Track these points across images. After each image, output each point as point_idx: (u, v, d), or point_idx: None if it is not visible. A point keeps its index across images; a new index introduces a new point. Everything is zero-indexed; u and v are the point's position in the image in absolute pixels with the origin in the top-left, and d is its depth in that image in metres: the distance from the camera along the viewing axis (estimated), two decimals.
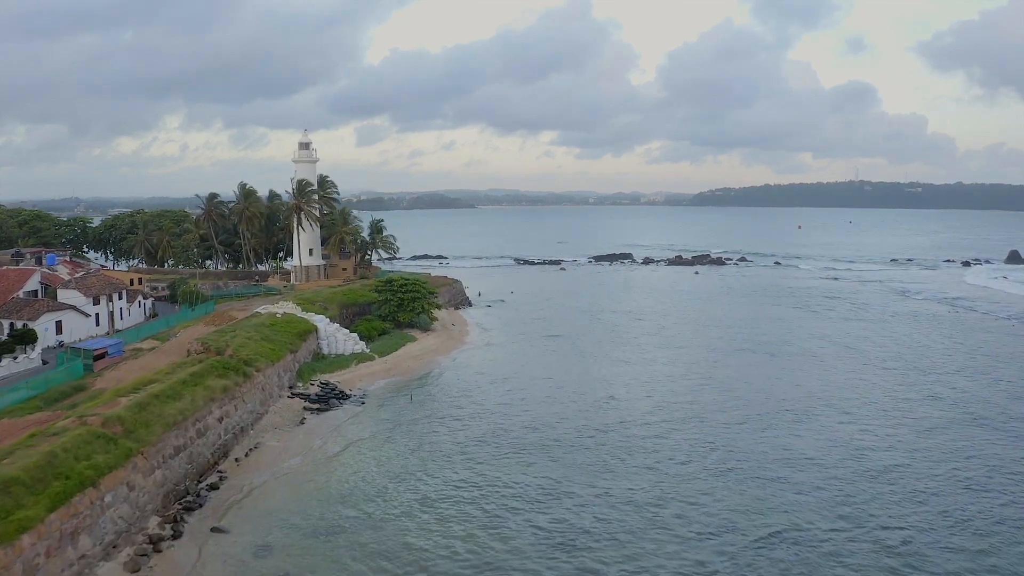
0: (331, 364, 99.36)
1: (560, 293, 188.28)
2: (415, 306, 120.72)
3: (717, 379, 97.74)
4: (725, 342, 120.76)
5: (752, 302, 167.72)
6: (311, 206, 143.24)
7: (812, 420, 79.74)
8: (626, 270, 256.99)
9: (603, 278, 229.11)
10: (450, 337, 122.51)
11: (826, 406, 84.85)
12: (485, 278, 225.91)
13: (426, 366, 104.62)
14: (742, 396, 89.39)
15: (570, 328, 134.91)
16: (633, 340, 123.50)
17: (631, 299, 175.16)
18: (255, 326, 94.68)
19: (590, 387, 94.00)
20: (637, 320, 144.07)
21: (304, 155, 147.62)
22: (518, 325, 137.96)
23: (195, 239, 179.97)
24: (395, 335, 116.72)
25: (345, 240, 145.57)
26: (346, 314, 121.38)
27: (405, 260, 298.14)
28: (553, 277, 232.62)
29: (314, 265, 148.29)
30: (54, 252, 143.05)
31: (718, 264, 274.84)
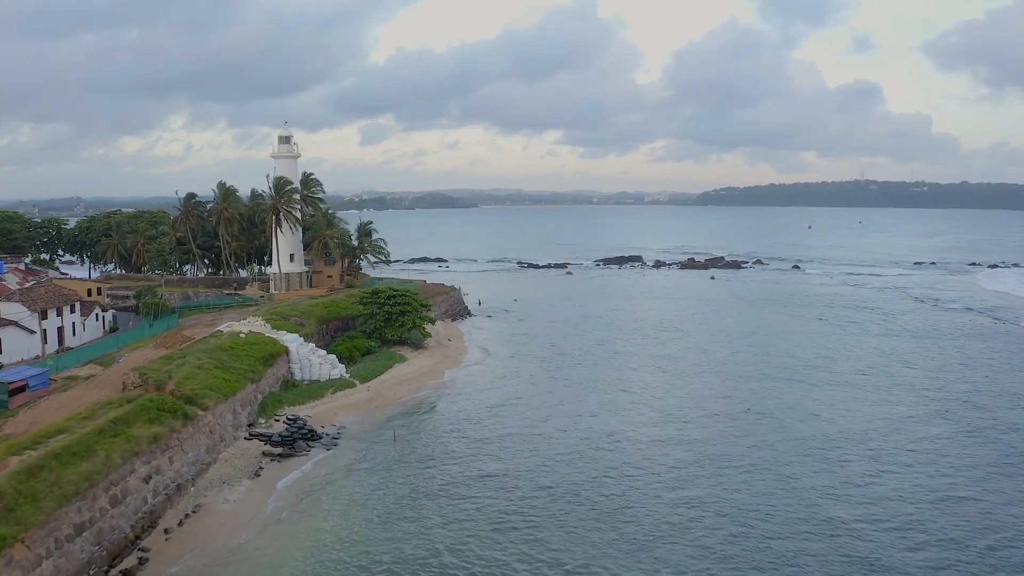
0: (303, 393, 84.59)
1: (567, 301, 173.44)
2: (405, 321, 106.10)
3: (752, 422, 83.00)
4: (755, 367, 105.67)
5: (777, 314, 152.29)
6: (291, 207, 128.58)
7: (870, 486, 65.00)
8: (637, 274, 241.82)
9: (613, 283, 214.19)
10: (445, 356, 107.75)
11: (881, 460, 70.07)
12: (487, 284, 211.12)
13: (415, 393, 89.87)
14: (787, 441, 74.69)
15: (580, 344, 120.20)
16: (653, 361, 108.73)
17: (646, 308, 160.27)
18: (211, 350, 79.93)
19: (608, 423, 79.23)
20: (655, 334, 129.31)
21: (284, 150, 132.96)
22: (522, 340, 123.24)
23: (172, 242, 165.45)
24: (381, 355, 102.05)
25: (329, 245, 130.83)
26: (327, 330, 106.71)
27: (403, 263, 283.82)
28: (559, 282, 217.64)
29: (295, 272, 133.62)
30: (4, 259, 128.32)
31: (733, 268, 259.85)
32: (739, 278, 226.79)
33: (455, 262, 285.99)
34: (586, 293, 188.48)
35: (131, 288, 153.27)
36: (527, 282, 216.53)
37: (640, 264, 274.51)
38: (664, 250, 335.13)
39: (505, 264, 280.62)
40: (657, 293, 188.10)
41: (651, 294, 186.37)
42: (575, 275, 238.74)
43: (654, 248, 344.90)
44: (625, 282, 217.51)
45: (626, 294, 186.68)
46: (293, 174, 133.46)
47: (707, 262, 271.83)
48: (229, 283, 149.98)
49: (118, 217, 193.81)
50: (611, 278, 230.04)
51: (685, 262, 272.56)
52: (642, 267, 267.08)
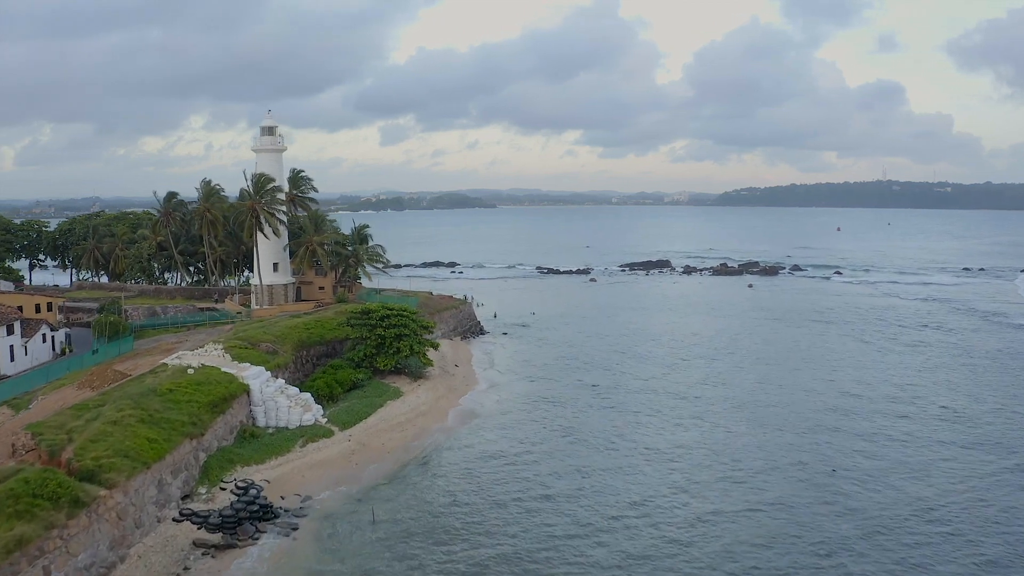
0: (264, 448, 66.34)
1: (592, 313, 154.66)
2: (401, 347, 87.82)
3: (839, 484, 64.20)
4: (830, 410, 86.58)
5: (839, 335, 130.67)
6: (273, 208, 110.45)
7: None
8: (667, 281, 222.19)
9: (641, 292, 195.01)
10: (450, 388, 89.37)
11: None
12: (503, 292, 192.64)
13: (409, 442, 71.53)
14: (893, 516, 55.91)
15: (611, 371, 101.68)
16: (701, 399, 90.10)
17: (684, 325, 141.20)
18: (140, 395, 61.89)
19: (651, 490, 60.64)
20: (701, 361, 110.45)
21: (267, 142, 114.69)
22: (541, 366, 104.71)
23: (151, 248, 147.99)
24: (371, 389, 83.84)
25: (318, 253, 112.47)
26: (307, 358, 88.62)
27: (414, 267, 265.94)
28: (582, 291, 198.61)
29: (280, 284, 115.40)
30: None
31: (770, 274, 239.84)
32: (778, 286, 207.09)
33: (469, 267, 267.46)
34: (613, 304, 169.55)
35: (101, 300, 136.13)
36: (547, 291, 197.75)
37: (669, 269, 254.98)
38: (693, 254, 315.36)
39: (523, 269, 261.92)
40: (694, 305, 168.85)
41: (687, 306, 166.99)
42: (599, 282, 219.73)
43: (682, 251, 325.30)
44: (655, 290, 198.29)
45: (659, 306, 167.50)
46: (277, 170, 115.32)
47: (741, 267, 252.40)
48: (211, 294, 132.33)
49: (100, 219, 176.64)
50: (639, 285, 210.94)
51: (718, 268, 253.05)
52: (671, 273, 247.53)
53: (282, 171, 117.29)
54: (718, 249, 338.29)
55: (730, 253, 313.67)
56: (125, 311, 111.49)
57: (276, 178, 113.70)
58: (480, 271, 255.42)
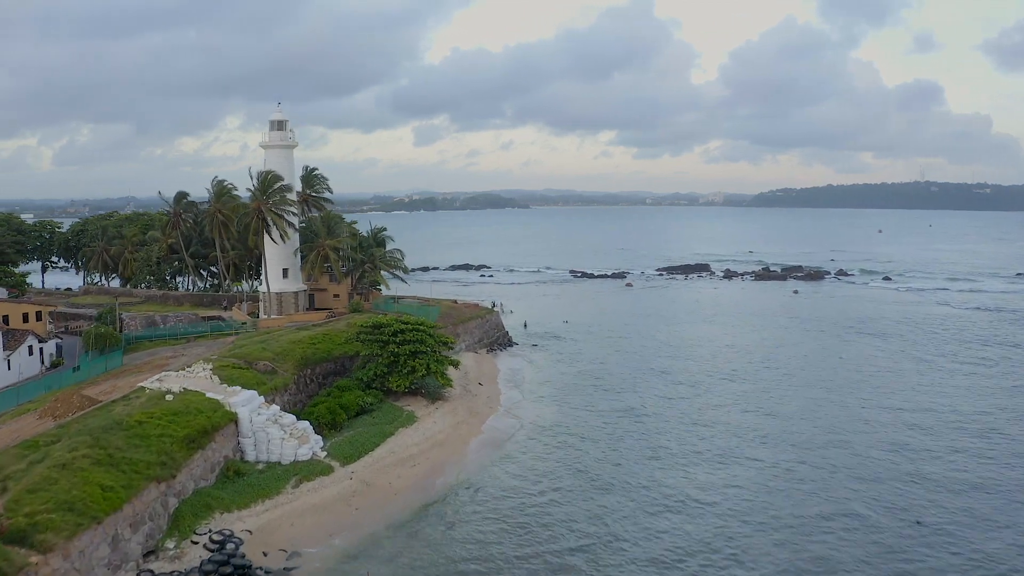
0: (249, 489, 56.89)
1: (628, 322, 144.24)
2: (416, 365, 78.09)
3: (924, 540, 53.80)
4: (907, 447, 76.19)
5: (902, 352, 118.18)
6: (282, 208, 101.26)
7: None
8: (707, 287, 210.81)
9: (681, 298, 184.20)
10: (471, 412, 79.55)
11: None
12: (535, 298, 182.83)
13: (420, 482, 61.84)
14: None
15: (648, 394, 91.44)
16: (755, 430, 79.84)
17: (728, 336, 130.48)
18: (104, 429, 52.76)
19: (695, 542, 50.55)
20: (751, 380, 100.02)
21: (276, 138, 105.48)
22: (573, 385, 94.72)
23: (161, 251, 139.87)
24: (382, 413, 74.24)
25: (330, 258, 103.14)
26: (311, 377, 79.23)
27: (441, 271, 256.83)
28: (618, 297, 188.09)
29: (290, 292, 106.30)
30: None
31: (815, 280, 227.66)
32: (825, 293, 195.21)
33: (500, 271, 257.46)
34: (650, 312, 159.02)
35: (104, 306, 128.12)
36: (580, 296, 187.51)
37: (708, 274, 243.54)
38: (732, 256, 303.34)
39: (556, 272, 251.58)
40: (736, 313, 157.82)
41: (729, 315, 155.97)
42: (636, 287, 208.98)
43: (720, 254, 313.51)
44: (695, 296, 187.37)
45: (699, 314, 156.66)
46: (287, 168, 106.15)
47: (784, 272, 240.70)
48: (219, 301, 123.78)
49: (111, 220, 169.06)
50: (678, 291, 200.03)
51: (760, 272, 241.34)
52: (711, 277, 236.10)
53: (293, 169, 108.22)
54: (758, 252, 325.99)
55: (771, 256, 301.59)
56: (122, 320, 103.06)
57: (286, 176, 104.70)
58: (511, 275, 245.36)
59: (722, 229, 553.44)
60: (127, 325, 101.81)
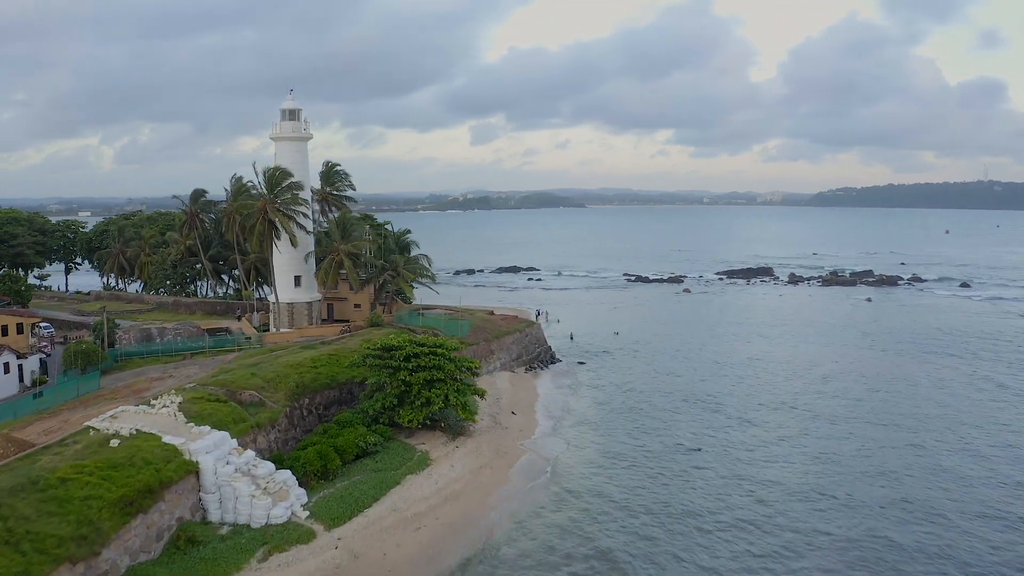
0: (202, 565, 44.67)
1: (686, 335, 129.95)
2: (432, 396, 65.39)
3: None
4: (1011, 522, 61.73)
5: (976, 375, 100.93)
6: (292, 209, 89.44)
7: None
8: (771, 293, 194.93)
9: (743, 305, 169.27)
10: (499, 452, 66.53)
11: None
12: (584, 305, 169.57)
13: (424, 553, 48.95)
14: None
15: (708, 426, 77.72)
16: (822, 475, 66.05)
17: (803, 353, 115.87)
18: (12, 490, 41.14)
19: None
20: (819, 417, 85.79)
21: (287, 129, 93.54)
22: (621, 415, 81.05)
23: (179, 253, 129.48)
24: (386, 456, 61.65)
25: (345, 265, 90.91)
26: (310, 407, 67.11)
27: (487, 273, 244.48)
28: (674, 304, 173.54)
29: (302, 302, 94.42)
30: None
31: (887, 285, 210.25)
32: (899, 301, 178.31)
33: (549, 274, 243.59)
34: (711, 322, 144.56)
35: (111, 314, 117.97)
36: (634, 303, 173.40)
37: (772, 278, 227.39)
38: (795, 259, 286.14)
39: (609, 275, 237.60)
40: (806, 324, 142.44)
41: (799, 325, 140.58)
42: (694, 293, 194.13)
43: (783, 256, 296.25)
44: (758, 304, 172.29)
45: (764, 325, 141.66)
46: (300, 163, 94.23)
47: (853, 277, 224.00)
48: (233, 310, 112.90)
49: (132, 219, 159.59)
50: (739, 297, 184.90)
51: (827, 277, 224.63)
52: (775, 282, 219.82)
53: (307, 164, 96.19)
54: (822, 254, 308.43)
55: (837, 259, 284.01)
56: (115, 333, 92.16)
57: (299, 172, 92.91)
58: (560, 279, 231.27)
59: (783, 229, 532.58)
60: (120, 339, 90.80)
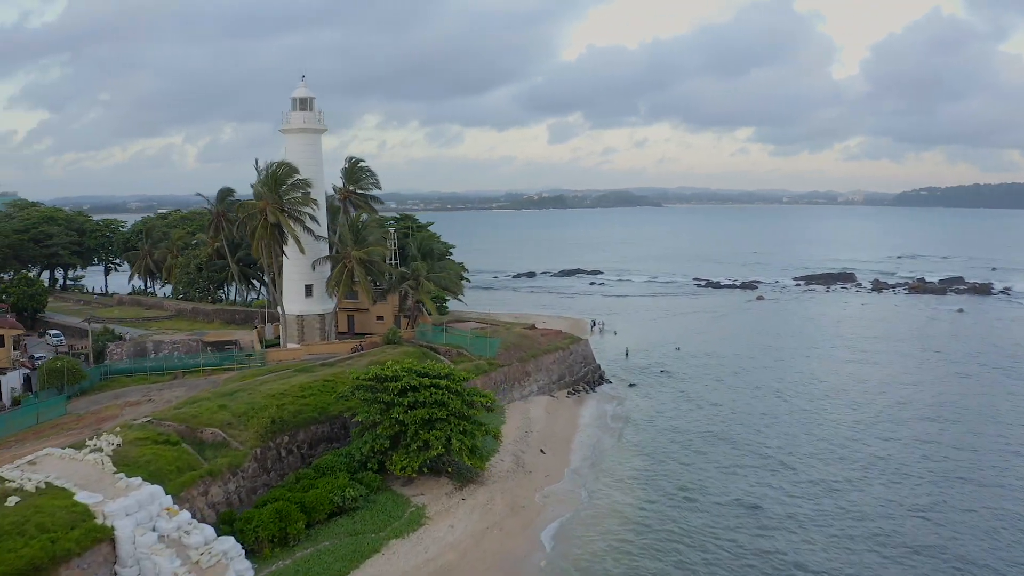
0: None
1: (756, 351, 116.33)
2: (431, 439, 53.98)
3: None
4: None
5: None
6: (299, 209, 79.04)
7: None
8: (853, 301, 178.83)
9: (822, 316, 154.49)
10: (513, 508, 54.65)
11: None
12: (646, 313, 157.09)
13: None
14: None
15: (781, 475, 65.05)
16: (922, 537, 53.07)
17: (880, 374, 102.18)
18: None
19: None
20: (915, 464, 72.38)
21: (299, 120, 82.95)
22: (672, 457, 68.22)
23: (206, 255, 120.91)
24: (371, 514, 50.31)
25: (356, 273, 79.97)
26: (290, 446, 56.38)
27: (549, 276, 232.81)
28: (745, 313, 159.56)
29: (314, 314, 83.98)
30: None
31: (979, 295, 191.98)
32: (995, 312, 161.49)
33: (614, 278, 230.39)
34: (784, 336, 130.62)
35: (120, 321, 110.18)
36: (702, 312, 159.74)
37: (853, 285, 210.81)
38: (879, 263, 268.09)
39: (677, 279, 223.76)
40: (891, 338, 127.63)
41: (884, 340, 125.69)
42: (767, 300, 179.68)
43: (865, 260, 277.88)
44: (839, 314, 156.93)
45: (845, 339, 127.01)
46: (313, 158, 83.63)
47: (942, 284, 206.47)
48: (252, 318, 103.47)
49: (165, 220, 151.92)
50: (817, 306, 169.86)
51: (914, 284, 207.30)
52: (857, 289, 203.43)
53: (321, 159, 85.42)
54: (907, 258, 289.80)
55: (924, 264, 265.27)
56: (106, 347, 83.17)
57: (311, 169, 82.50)
58: (624, 284, 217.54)
59: (865, 231, 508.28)
60: (111, 353, 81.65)
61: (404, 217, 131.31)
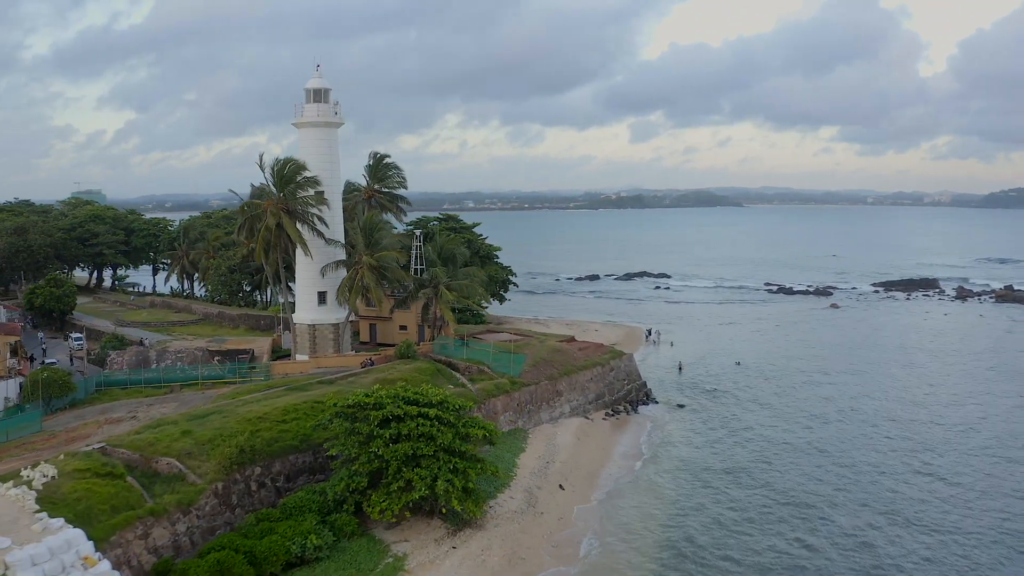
0: None
1: (822, 370, 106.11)
2: (415, 478, 46.71)
3: None
4: None
5: None
6: (306, 211, 72.77)
7: None
8: (934, 310, 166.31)
9: (898, 327, 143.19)
10: (511, 559, 46.78)
11: None
12: (710, 321, 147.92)
13: None
14: None
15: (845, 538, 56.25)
16: None
17: (956, 399, 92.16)
18: None
19: None
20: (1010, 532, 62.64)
21: (313, 112, 76.59)
22: (704, 504, 59.35)
23: (237, 257, 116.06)
24: (336, 566, 43.32)
25: (367, 279, 73.03)
26: (263, 478, 49.92)
27: (612, 279, 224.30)
28: (817, 323, 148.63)
29: (327, 323, 77.61)
30: None
31: None
32: None
33: (680, 282, 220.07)
34: (856, 349, 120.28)
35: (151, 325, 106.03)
36: (770, 321, 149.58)
37: (936, 292, 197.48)
38: (965, 268, 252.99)
39: (748, 284, 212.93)
40: (975, 356, 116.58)
41: (966, 358, 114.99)
42: (842, 308, 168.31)
43: (951, 265, 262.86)
44: (919, 326, 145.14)
45: (921, 355, 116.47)
46: (328, 154, 77.16)
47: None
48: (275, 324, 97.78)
49: (204, 219, 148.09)
50: (895, 315, 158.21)
51: (1002, 292, 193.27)
52: (939, 297, 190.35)
53: (336, 156, 78.90)
54: (995, 263, 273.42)
55: (1013, 271, 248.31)
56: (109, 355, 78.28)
57: (325, 166, 76.16)
58: (691, 289, 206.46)
59: (951, 233, 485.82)
60: (111, 363, 76.61)
61: (448, 217, 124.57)
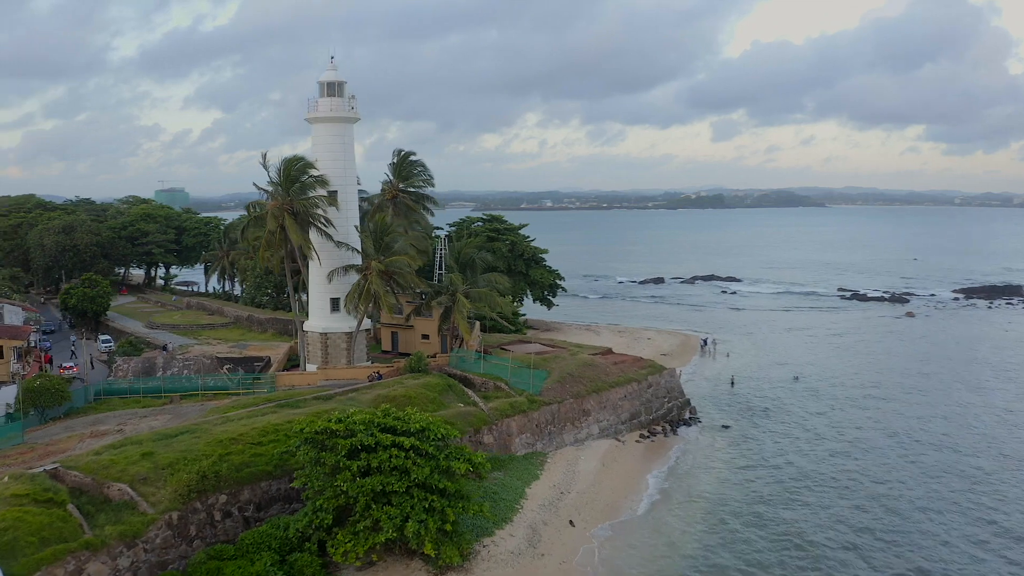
0: None
1: (889, 388, 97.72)
2: (384, 517, 41.54)
3: None
4: None
5: None
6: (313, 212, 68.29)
7: None
8: (1017, 320, 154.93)
9: (977, 337, 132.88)
10: None
11: None
12: (773, 327, 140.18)
13: None
14: None
15: None
16: None
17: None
18: None
19: None
20: None
21: (327, 107, 71.87)
22: (728, 559, 52.49)
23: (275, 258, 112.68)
24: None
25: (375, 286, 67.93)
26: (227, 506, 45.42)
27: (679, 283, 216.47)
28: (890, 334, 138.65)
29: (340, 332, 73.11)
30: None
31: None
32: None
33: (748, 287, 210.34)
34: (928, 362, 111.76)
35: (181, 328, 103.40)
36: (839, 330, 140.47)
37: (1020, 299, 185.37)
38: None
39: (820, 289, 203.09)
40: None
41: None
42: (918, 317, 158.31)
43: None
44: (999, 337, 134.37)
45: (1001, 371, 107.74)
46: (342, 151, 72.55)
47: None
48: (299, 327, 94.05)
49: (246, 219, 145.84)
50: (975, 325, 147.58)
51: None
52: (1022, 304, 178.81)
53: (351, 153, 74.13)
54: None
55: None
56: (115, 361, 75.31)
57: (339, 164, 71.69)
58: (759, 295, 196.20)
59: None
60: (117, 370, 73.43)
61: (492, 218, 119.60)
